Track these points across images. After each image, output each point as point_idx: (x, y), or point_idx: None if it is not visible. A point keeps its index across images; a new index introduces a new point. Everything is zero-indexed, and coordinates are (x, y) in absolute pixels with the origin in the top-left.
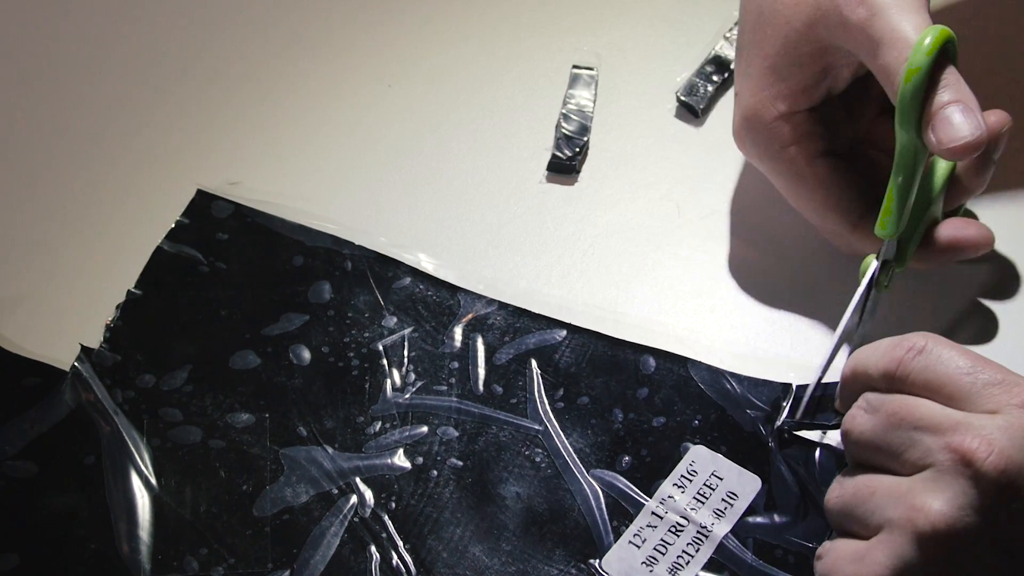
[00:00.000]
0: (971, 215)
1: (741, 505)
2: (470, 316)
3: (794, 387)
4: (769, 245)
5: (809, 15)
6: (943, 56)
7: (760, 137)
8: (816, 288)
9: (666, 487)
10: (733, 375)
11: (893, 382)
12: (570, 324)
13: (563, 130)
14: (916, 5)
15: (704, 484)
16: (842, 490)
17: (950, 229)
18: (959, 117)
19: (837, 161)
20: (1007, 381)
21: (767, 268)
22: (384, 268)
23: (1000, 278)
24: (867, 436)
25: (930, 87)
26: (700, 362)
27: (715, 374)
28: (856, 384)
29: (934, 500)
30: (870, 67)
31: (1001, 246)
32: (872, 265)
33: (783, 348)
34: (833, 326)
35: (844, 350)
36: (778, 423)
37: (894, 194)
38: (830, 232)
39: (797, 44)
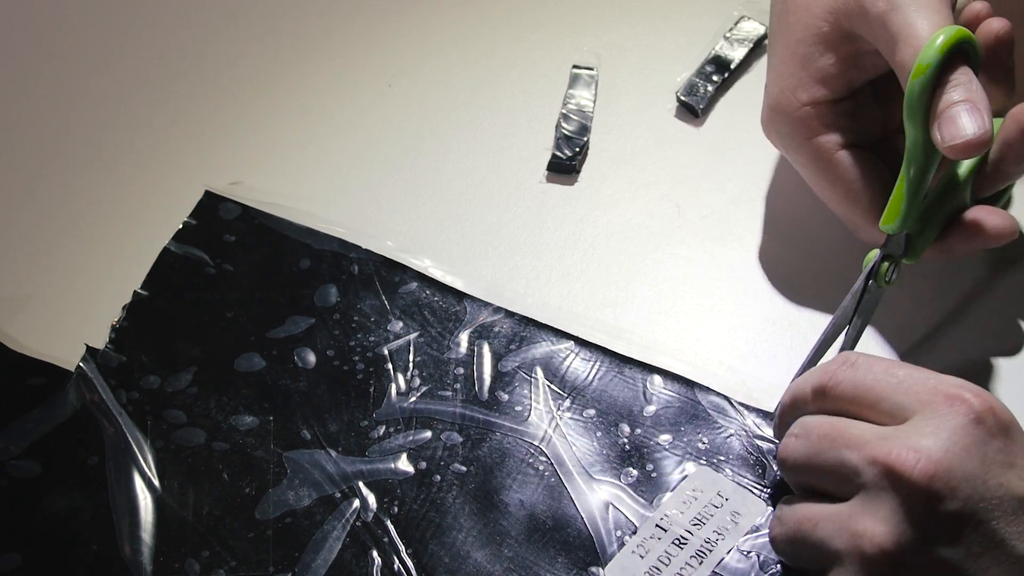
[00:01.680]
0: (1010, 201)
1: (745, 525)
2: (477, 323)
3: None
4: (769, 245)
5: (831, 3)
6: (957, 55)
7: (785, 127)
8: (816, 288)
9: (670, 503)
10: (740, 404)
11: (825, 396)
12: (577, 336)
13: (563, 130)
14: (937, 3)
15: (709, 503)
16: (783, 526)
17: (971, 217)
18: (965, 116)
19: (863, 153)
20: (935, 382)
21: (767, 268)
22: (391, 272)
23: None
24: (801, 461)
25: (939, 85)
26: (708, 387)
27: (722, 399)
28: (793, 410)
29: (874, 523)
30: (888, 60)
31: None
32: (872, 260)
33: (783, 348)
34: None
35: (836, 344)
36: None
37: (903, 189)
38: (853, 224)
39: (819, 32)
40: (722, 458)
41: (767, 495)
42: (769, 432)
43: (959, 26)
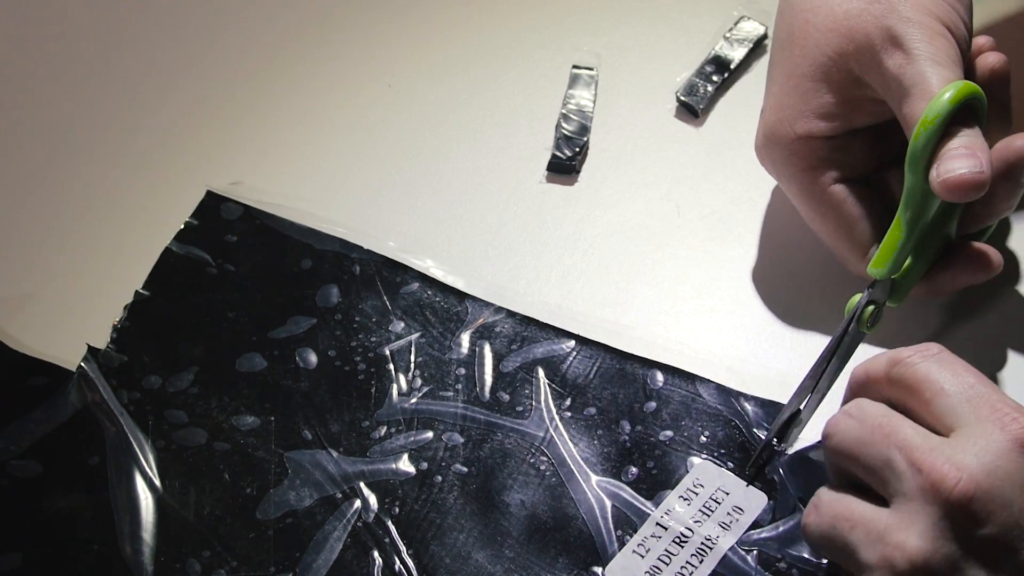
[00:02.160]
0: (992, 235)
1: (747, 520)
2: (478, 323)
3: (802, 410)
4: (769, 245)
5: (841, 45)
6: (965, 111)
7: (778, 155)
8: (817, 288)
9: (671, 499)
10: (742, 394)
11: (893, 371)
12: (578, 335)
13: (563, 130)
14: (950, 59)
15: (710, 498)
16: (820, 517)
17: (971, 250)
18: (963, 158)
19: (856, 187)
20: (996, 399)
21: (767, 268)
22: (392, 273)
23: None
24: (847, 444)
25: (944, 136)
26: (709, 380)
27: (724, 392)
28: (859, 388)
29: (909, 536)
30: (894, 110)
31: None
32: (856, 304)
33: (783, 348)
34: (833, 326)
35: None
36: (784, 447)
37: (897, 235)
38: (843, 257)
39: (825, 71)
40: (724, 452)
41: (757, 485)
42: (771, 421)
43: (968, 81)
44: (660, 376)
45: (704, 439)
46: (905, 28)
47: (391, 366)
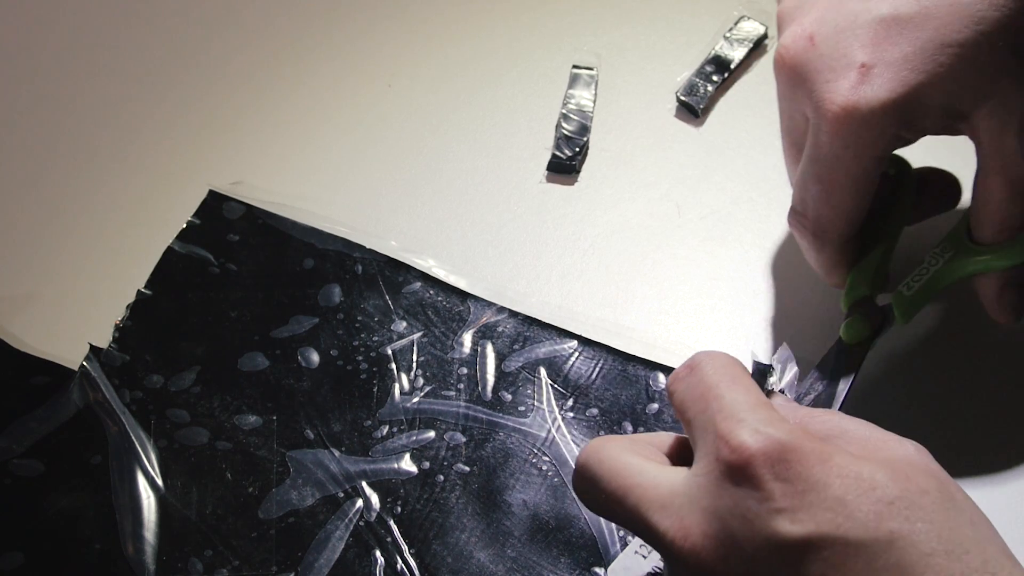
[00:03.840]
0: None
1: None
2: (480, 323)
3: None
4: (769, 245)
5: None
6: None
7: (861, 132)
8: (817, 288)
9: None
10: None
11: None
12: (580, 336)
13: (563, 130)
14: None
15: None
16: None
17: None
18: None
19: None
20: (720, 426)
21: (767, 268)
22: (394, 272)
23: None
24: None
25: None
26: None
27: None
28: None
29: None
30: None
31: None
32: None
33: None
34: (832, 326)
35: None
36: None
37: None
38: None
39: (974, 53)
40: None
41: None
42: None
43: None
44: (662, 378)
45: None
46: None
47: (393, 365)
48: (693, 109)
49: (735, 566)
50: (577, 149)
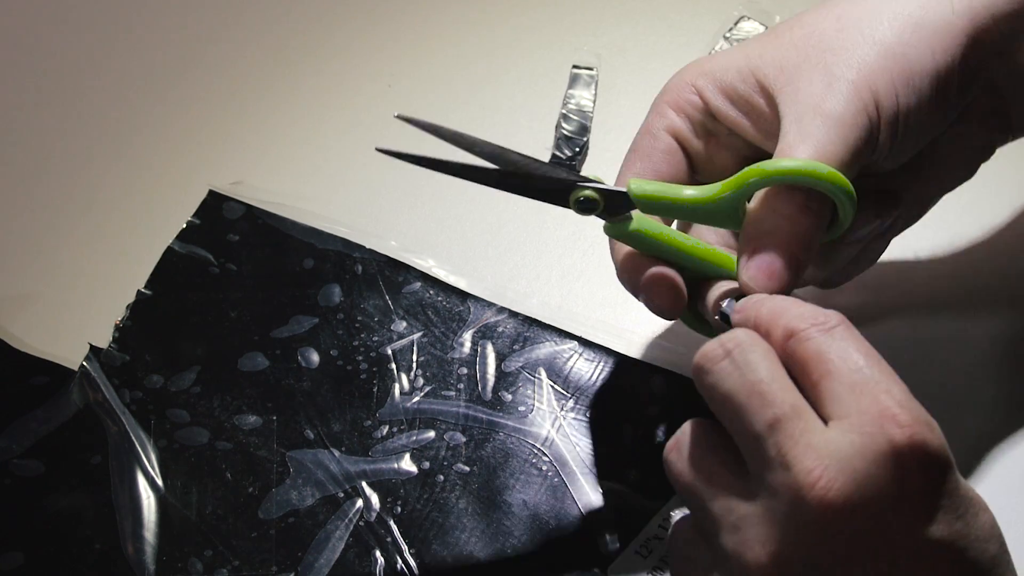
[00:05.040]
0: None
1: None
2: (480, 323)
3: None
4: None
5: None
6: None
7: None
8: (817, 293)
9: (673, 503)
10: None
11: (787, 345)
12: (581, 337)
13: (563, 130)
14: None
15: None
16: (680, 460)
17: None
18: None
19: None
20: (883, 396)
21: None
22: (394, 272)
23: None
24: (719, 393)
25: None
26: None
27: None
28: (750, 324)
29: (764, 537)
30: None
31: None
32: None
33: None
34: None
35: None
36: None
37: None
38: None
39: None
40: None
41: None
42: None
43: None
44: (663, 382)
45: None
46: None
47: (393, 365)
48: None
49: (865, 532)
50: (577, 149)
